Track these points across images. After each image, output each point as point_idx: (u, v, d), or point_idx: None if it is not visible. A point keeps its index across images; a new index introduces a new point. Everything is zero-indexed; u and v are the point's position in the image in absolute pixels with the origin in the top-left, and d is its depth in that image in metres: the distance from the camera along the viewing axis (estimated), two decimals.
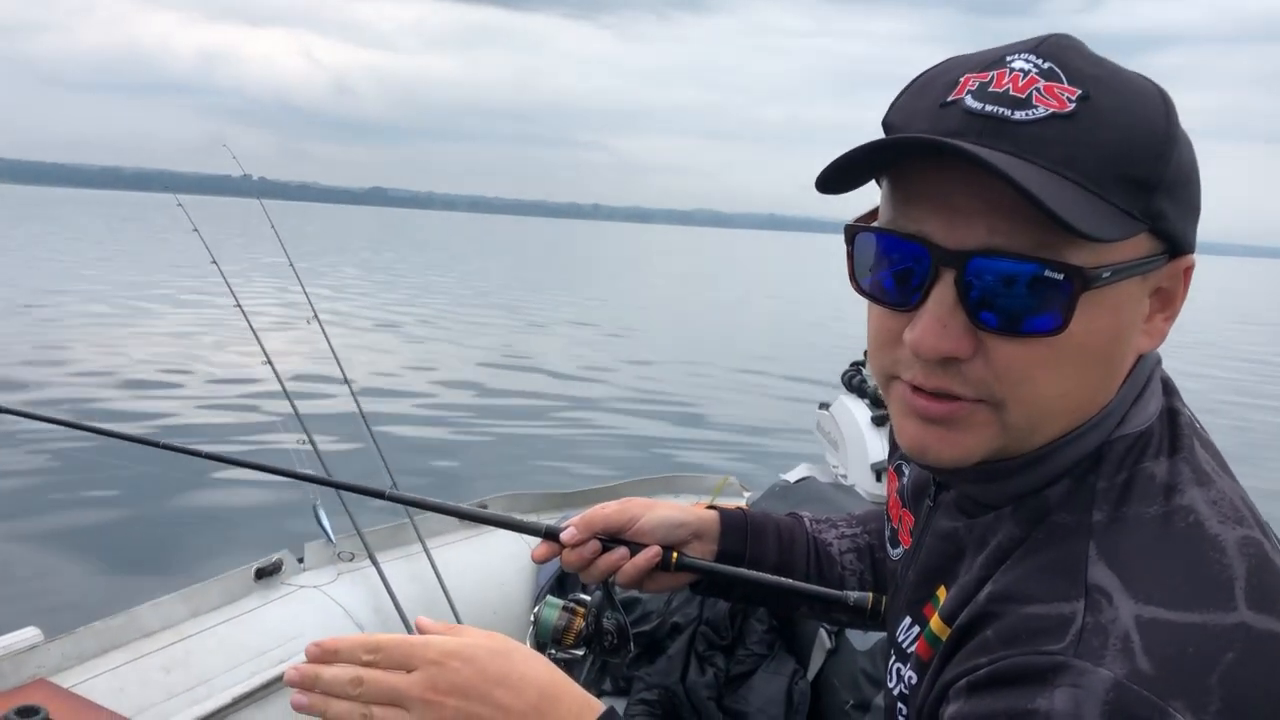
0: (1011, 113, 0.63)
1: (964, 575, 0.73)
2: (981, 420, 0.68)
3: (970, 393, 0.67)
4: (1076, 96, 0.63)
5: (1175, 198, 0.66)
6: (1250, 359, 17.11)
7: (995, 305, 0.64)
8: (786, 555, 1.08)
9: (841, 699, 2.19)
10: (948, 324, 0.66)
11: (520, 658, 0.72)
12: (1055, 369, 0.66)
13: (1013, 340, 0.65)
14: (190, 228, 2.76)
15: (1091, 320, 0.64)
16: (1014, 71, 0.65)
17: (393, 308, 19.47)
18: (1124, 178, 0.63)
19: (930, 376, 0.67)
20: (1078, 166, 0.62)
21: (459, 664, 0.70)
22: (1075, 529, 0.66)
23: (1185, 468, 0.68)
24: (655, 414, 10.28)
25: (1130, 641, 0.59)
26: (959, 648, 0.67)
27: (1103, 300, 0.65)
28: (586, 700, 0.73)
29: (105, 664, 1.96)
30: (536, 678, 0.71)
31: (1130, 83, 0.66)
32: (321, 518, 2.47)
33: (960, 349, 0.66)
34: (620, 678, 2.41)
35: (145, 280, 21.44)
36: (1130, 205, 0.64)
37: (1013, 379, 0.66)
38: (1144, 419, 0.71)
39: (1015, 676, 0.61)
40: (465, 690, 0.69)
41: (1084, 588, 0.62)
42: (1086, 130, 0.63)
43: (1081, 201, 0.62)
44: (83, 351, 11.74)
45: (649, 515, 1.01)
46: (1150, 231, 0.66)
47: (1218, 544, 0.64)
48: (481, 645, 0.72)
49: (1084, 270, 0.63)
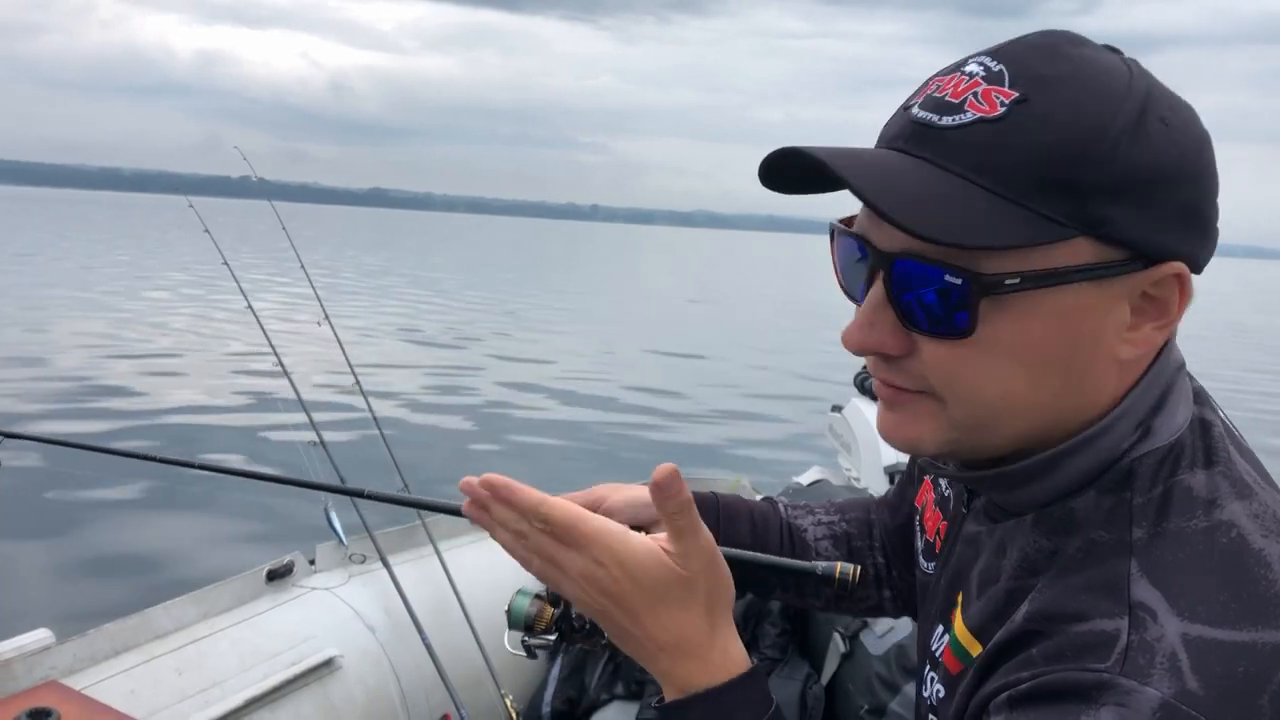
0: (939, 119, 0.65)
1: (987, 580, 0.73)
2: (927, 411, 0.69)
3: (911, 385, 0.69)
4: (1012, 100, 0.63)
5: (1130, 201, 0.62)
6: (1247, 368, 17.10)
7: (917, 305, 0.66)
8: (760, 538, 1.06)
9: (856, 704, 2.18)
10: (874, 321, 0.68)
11: (678, 598, 0.72)
12: (985, 370, 0.66)
13: (935, 340, 0.66)
14: (202, 228, 2.75)
15: (1021, 324, 0.64)
16: (961, 75, 0.66)
17: (394, 308, 19.46)
18: (1045, 181, 0.62)
19: (877, 369, 0.72)
20: (992, 172, 0.62)
21: (619, 574, 0.71)
22: (1115, 547, 0.65)
23: (1223, 481, 0.67)
24: (665, 417, 10.28)
25: (1178, 660, 0.57)
26: (996, 665, 0.66)
27: (1033, 305, 0.64)
28: (731, 660, 0.73)
29: (117, 666, 1.95)
30: (685, 623, 0.72)
31: (1089, 82, 0.63)
32: (333, 520, 2.46)
33: (886, 345, 0.68)
34: (633, 681, 2.40)
35: (153, 281, 21.45)
36: (1054, 211, 0.62)
37: (943, 377, 0.67)
38: (1172, 430, 0.69)
39: (1059, 692, 0.59)
40: (614, 597, 0.72)
41: (1127, 605, 0.61)
42: (1010, 134, 0.62)
43: (985, 208, 0.62)
44: (81, 355, 11.72)
45: (616, 496, 0.98)
46: (1098, 238, 0.63)
47: (1263, 559, 0.62)
48: (647, 568, 0.72)
49: (982, 276, 0.63)
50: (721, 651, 0.73)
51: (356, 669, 2.26)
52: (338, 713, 2.19)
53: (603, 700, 2.40)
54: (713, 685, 0.72)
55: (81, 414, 8.62)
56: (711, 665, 0.72)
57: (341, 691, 2.21)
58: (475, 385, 11.40)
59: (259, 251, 22.38)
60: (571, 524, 0.72)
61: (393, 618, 2.37)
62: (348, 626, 2.32)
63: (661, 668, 0.73)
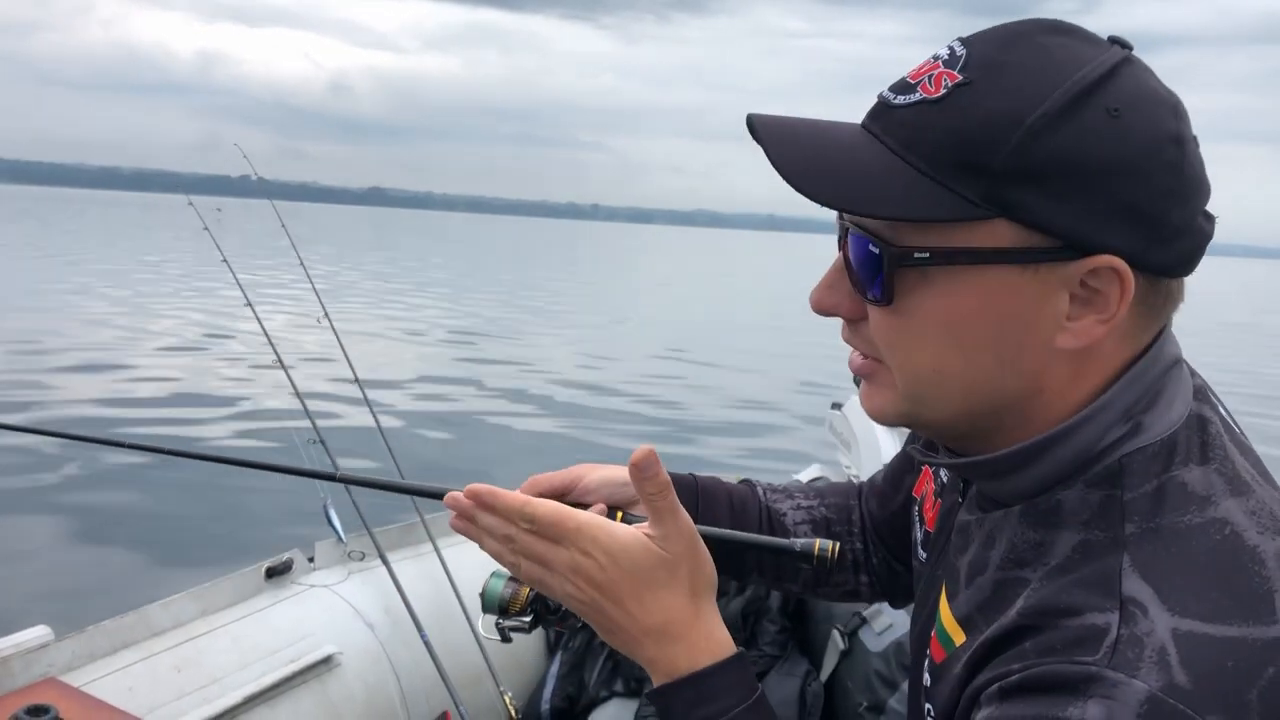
0: (894, 98, 0.68)
1: (975, 570, 0.73)
2: (886, 380, 0.74)
3: (869, 351, 0.74)
4: (955, 83, 0.66)
5: (1047, 188, 0.63)
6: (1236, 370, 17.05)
7: (861, 274, 0.70)
8: (738, 521, 1.07)
9: (855, 700, 2.18)
10: (833, 284, 0.74)
11: (662, 581, 0.74)
12: (916, 340, 0.69)
13: (875, 308, 0.71)
14: (201, 225, 2.75)
15: (942, 299, 0.67)
16: (930, 59, 0.69)
17: (396, 308, 19.45)
18: (962, 163, 0.64)
19: (844, 332, 0.76)
20: (917, 149, 0.66)
21: (605, 561, 0.74)
22: (1108, 542, 0.65)
23: (1218, 477, 0.67)
24: (665, 413, 10.30)
25: (1166, 654, 0.58)
26: (989, 658, 0.67)
27: (956, 282, 0.67)
28: (715, 642, 0.75)
29: (115, 663, 1.94)
30: (669, 606, 0.75)
31: (1033, 69, 0.64)
32: (332, 517, 2.46)
33: (841, 307, 0.74)
34: (633, 679, 2.40)
35: (153, 277, 21.43)
36: (968, 190, 0.64)
37: (883, 343, 0.72)
38: (1165, 426, 0.69)
39: (1048, 684, 0.60)
40: (600, 586, 0.74)
41: (1119, 600, 0.62)
42: (941, 115, 0.65)
43: (904, 183, 0.65)
44: (81, 353, 11.72)
45: (593, 475, 0.98)
46: (1017, 222, 0.64)
47: (1257, 556, 0.63)
48: (632, 554, 0.74)
49: (894, 247, 0.67)
50: (706, 635, 0.75)
51: (356, 666, 2.26)
52: (337, 710, 2.18)
53: (602, 697, 2.40)
54: (697, 668, 0.73)
55: (70, 414, 8.61)
56: (696, 648, 0.74)
57: (340, 689, 2.21)
58: (474, 384, 11.40)
59: (256, 249, 22.34)
60: (556, 521, 0.76)
61: (392, 615, 2.37)
62: (347, 624, 2.32)
63: (648, 654, 0.75)
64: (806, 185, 0.67)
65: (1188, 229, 0.67)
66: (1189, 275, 0.70)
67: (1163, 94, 0.66)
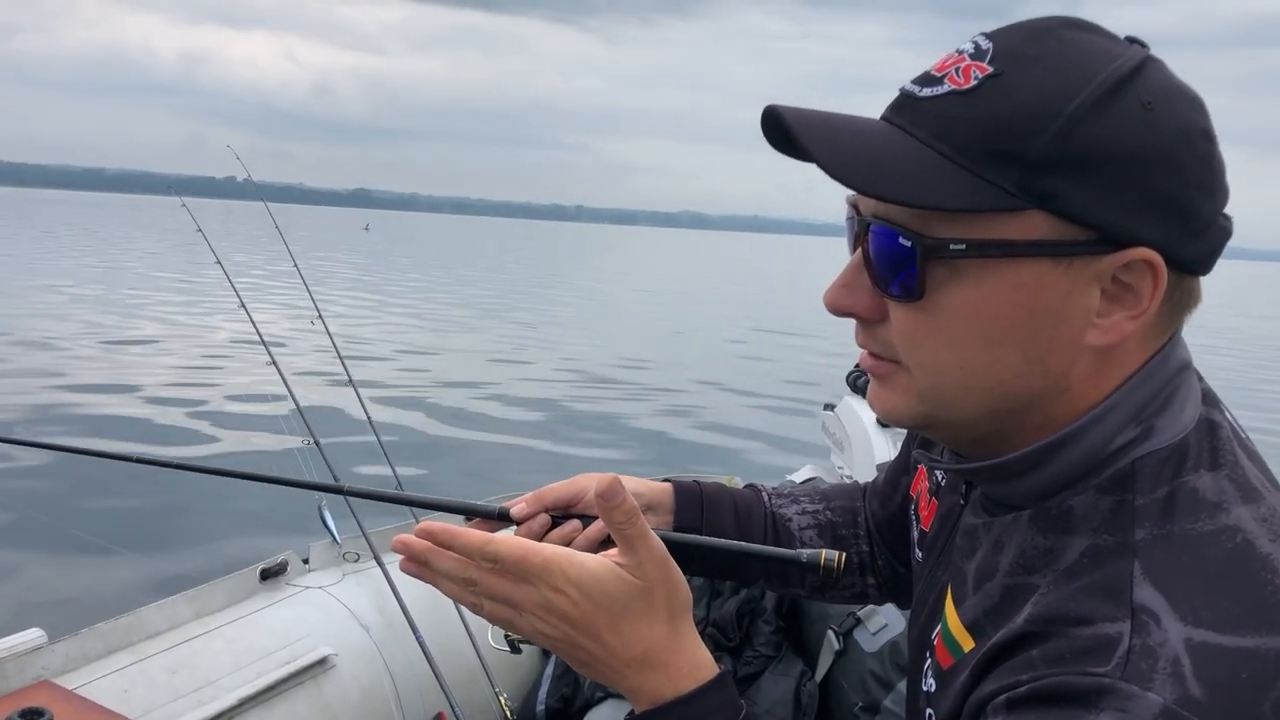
0: (920, 90, 0.68)
1: (983, 576, 0.72)
2: (901, 382, 0.72)
3: (885, 353, 0.72)
4: (986, 75, 0.65)
5: (1083, 178, 0.62)
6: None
7: (884, 270, 0.68)
8: (744, 529, 1.06)
9: (850, 701, 2.19)
10: (850, 283, 0.72)
11: (639, 610, 0.71)
12: (943, 338, 0.67)
13: (900, 305, 0.69)
14: (194, 228, 2.74)
15: (974, 292, 0.66)
16: (955, 53, 0.68)
17: (394, 310, 19.38)
18: (997, 151, 0.63)
19: (858, 335, 0.74)
20: (949, 139, 0.65)
21: (577, 596, 0.70)
22: (1117, 549, 0.64)
23: (1229, 484, 0.66)
24: (657, 415, 10.28)
25: (1180, 666, 0.57)
26: (994, 666, 0.66)
27: (987, 275, 0.65)
28: (697, 665, 0.72)
29: (110, 665, 1.93)
30: (648, 634, 0.71)
31: (1064, 61, 0.64)
32: (327, 519, 2.45)
33: (859, 307, 0.71)
34: None
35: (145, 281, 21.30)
36: (1002, 180, 0.63)
37: (905, 343, 0.70)
38: (1176, 430, 0.68)
39: (1058, 696, 0.59)
40: (575, 621, 0.70)
41: (1130, 608, 0.60)
42: (973, 105, 0.64)
43: (936, 171, 0.64)
44: (81, 345, 11.64)
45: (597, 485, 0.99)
46: (1053, 213, 0.63)
47: (1269, 564, 0.62)
48: (605, 586, 0.70)
49: (928, 239, 0.65)
50: (689, 659, 0.72)
51: (351, 668, 2.25)
52: (332, 712, 2.18)
53: (597, 698, 2.39)
54: (682, 693, 0.71)
55: (69, 415, 8.56)
56: (679, 673, 0.71)
57: (336, 690, 2.20)
58: (471, 384, 11.36)
59: (248, 251, 22.23)
60: (521, 557, 0.71)
61: (387, 616, 2.36)
62: (342, 625, 2.31)
63: (630, 684, 0.72)
64: (846, 173, 0.65)
65: (1213, 225, 0.67)
66: (1208, 275, 0.69)
67: (1187, 90, 0.66)
